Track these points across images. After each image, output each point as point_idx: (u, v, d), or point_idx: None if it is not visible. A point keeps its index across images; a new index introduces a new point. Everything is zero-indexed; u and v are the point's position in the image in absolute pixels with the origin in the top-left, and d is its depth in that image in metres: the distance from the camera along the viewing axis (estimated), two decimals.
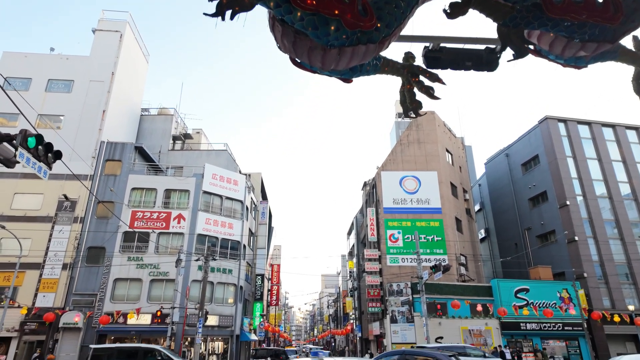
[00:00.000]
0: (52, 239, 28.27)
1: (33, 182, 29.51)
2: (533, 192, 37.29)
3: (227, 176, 33.02)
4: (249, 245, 36.66)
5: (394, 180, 34.19)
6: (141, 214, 29.55)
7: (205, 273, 25.60)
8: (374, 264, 33.07)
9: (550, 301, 29.45)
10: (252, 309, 39.55)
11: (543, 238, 36.22)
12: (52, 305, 26.56)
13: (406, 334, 28.35)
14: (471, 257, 35.21)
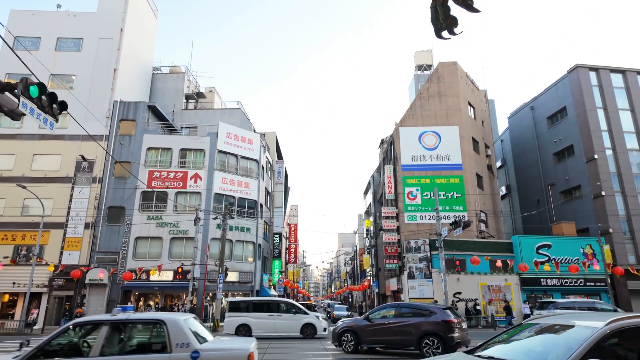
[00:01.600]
0: (72, 199, 28.72)
1: (51, 143, 29.71)
2: (558, 146, 35.78)
3: (242, 135, 32.53)
4: (265, 204, 36.72)
5: (413, 136, 33.11)
6: (158, 173, 29.59)
7: (223, 231, 25.78)
8: (392, 221, 32.79)
9: (573, 257, 28.88)
10: (270, 266, 40.30)
11: (567, 194, 35.13)
12: (78, 262, 27.39)
13: (424, 289, 28.42)
14: (491, 213, 34.55)
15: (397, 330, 12.14)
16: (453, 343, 11.20)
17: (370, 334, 12.68)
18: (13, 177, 28.20)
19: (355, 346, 12.79)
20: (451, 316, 11.71)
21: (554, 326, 4.25)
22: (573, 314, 4.62)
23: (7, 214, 28.21)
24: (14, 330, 23.11)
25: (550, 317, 4.60)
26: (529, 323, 4.68)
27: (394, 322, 12.40)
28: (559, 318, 4.44)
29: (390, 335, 12.28)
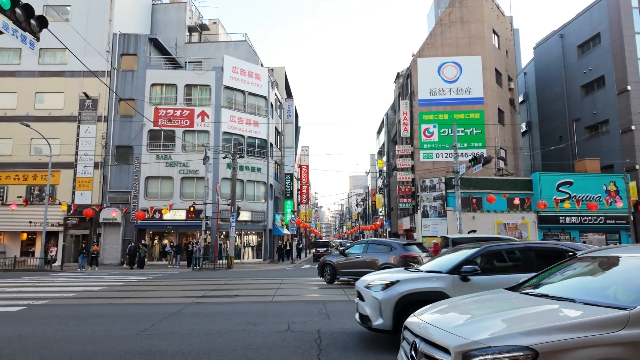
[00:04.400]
0: (79, 138, 28.18)
1: (52, 80, 28.72)
2: (588, 77, 33.35)
3: (249, 69, 30.83)
4: (275, 144, 35.80)
5: (432, 67, 30.93)
6: (164, 111, 28.56)
7: (233, 170, 25.19)
8: (406, 160, 31.76)
9: (595, 195, 27.87)
10: (283, 206, 40.29)
11: (592, 129, 33.32)
12: (90, 202, 27.42)
13: (437, 227, 28.06)
14: (511, 150, 33.15)
15: (363, 264, 13.34)
16: None
17: (343, 267, 14.21)
18: (18, 117, 27.51)
19: (332, 278, 14.40)
20: (410, 251, 12.53)
21: (601, 260, 3.92)
22: (614, 248, 4.20)
23: (16, 154, 27.95)
24: (35, 267, 23.68)
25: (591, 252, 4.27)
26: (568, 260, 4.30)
27: (362, 257, 13.72)
28: (602, 252, 4.12)
29: (358, 268, 13.42)
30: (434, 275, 5.81)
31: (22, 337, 6.79)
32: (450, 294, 5.48)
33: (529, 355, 2.60)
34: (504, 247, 6.83)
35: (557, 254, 6.20)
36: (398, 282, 5.70)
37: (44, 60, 29.11)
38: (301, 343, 6.27)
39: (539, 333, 2.72)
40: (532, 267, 5.79)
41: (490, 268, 6.20)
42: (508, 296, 3.89)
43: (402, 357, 3.46)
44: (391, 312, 5.49)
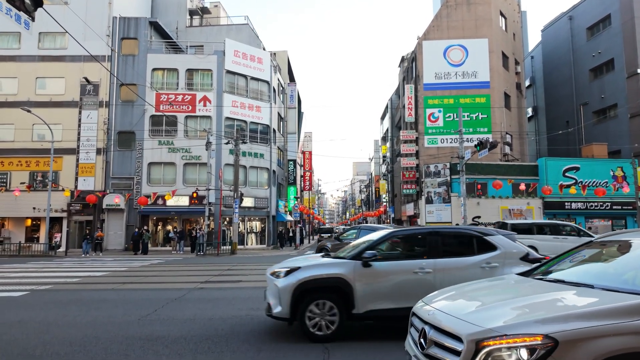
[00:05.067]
0: (81, 124, 28.02)
1: (52, 65, 28.46)
2: (597, 61, 32.64)
3: (251, 53, 30.37)
4: (278, 130, 35.50)
5: (437, 50, 30.32)
6: (165, 96, 28.27)
7: (236, 156, 25.01)
8: (410, 145, 31.43)
9: (602, 180, 27.53)
10: (286, 192, 40.18)
11: (600, 113, 32.76)
12: (93, 188, 27.39)
13: (441, 214, 27.89)
14: (516, 135, 32.73)
15: None
16: None
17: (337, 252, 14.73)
18: (19, 102, 27.31)
19: None
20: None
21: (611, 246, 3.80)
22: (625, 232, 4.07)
23: (19, 139, 27.84)
24: (39, 253, 23.79)
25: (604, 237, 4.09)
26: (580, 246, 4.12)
27: None
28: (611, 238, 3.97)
29: None
30: (338, 261, 5.67)
31: (23, 322, 6.74)
32: (351, 280, 5.37)
33: (548, 344, 2.44)
34: (410, 232, 6.81)
35: (465, 239, 6.08)
36: (299, 269, 5.55)
37: (44, 44, 28.77)
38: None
39: (557, 320, 2.55)
40: (439, 252, 5.67)
41: (397, 253, 6.10)
42: (521, 282, 3.71)
43: (410, 345, 3.31)
44: (289, 300, 5.34)
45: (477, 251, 5.73)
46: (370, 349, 5.15)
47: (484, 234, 5.92)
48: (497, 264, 5.55)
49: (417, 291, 5.35)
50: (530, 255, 5.73)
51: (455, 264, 5.62)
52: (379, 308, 5.40)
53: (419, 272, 5.47)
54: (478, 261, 5.58)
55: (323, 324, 5.34)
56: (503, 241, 5.77)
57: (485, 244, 5.76)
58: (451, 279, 5.43)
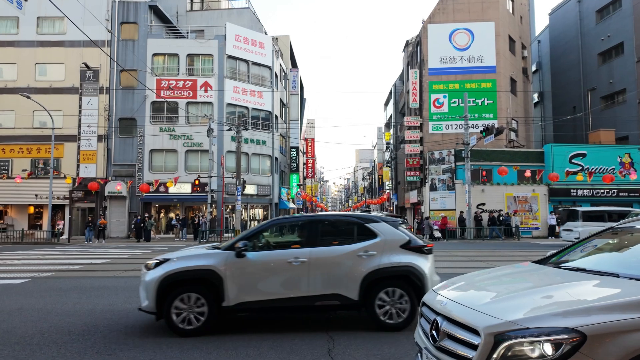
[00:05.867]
0: (82, 110, 27.78)
1: (51, 50, 28.11)
2: (606, 44, 31.92)
3: (252, 37, 29.87)
4: (281, 116, 35.14)
5: (443, 34, 29.66)
6: (166, 82, 27.92)
7: (238, 143, 24.76)
8: (415, 132, 31.03)
9: (608, 167, 27.13)
10: (288, 179, 40.02)
11: (608, 99, 32.18)
12: (95, 175, 27.28)
13: (445, 201, 27.63)
14: (522, 121, 32.24)
15: None
16: None
17: None
18: (19, 88, 26.99)
19: None
20: None
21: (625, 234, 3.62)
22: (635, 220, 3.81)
23: (19, 126, 27.64)
24: (42, 240, 23.82)
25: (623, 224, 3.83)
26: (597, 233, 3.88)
27: None
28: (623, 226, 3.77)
29: None
30: (211, 252, 5.42)
31: (22, 309, 6.64)
32: (221, 272, 5.13)
33: (575, 339, 2.22)
34: (291, 220, 6.54)
35: (346, 226, 5.82)
36: (168, 260, 5.30)
37: (42, 29, 28.35)
38: (309, 317, 6.02)
39: (584, 313, 2.34)
40: (318, 241, 5.42)
41: (276, 243, 5.83)
42: (538, 270, 3.49)
43: (421, 337, 3.11)
44: (154, 293, 5.09)
45: (357, 239, 5.48)
46: (375, 339, 4.98)
47: (366, 220, 5.62)
48: (375, 252, 5.31)
49: (292, 282, 5.19)
50: (412, 242, 5.47)
51: (330, 253, 5.36)
52: (252, 300, 5.16)
53: (292, 262, 5.22)
54: (355, 249, 5.34)
55: (192, 317, 5.08)
56: (384, 228, 5.51)
57: (367, 231, 5.49)
58: (326, 269, 5.24)
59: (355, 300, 5.19)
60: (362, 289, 5.18)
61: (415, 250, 5.44)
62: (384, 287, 5.24)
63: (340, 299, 5.19)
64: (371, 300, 5.20)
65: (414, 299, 5.23)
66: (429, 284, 5.23)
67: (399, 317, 5.22)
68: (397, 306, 5.23)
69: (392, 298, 5.24)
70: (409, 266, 5.30)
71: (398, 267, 5.29)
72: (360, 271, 5.22)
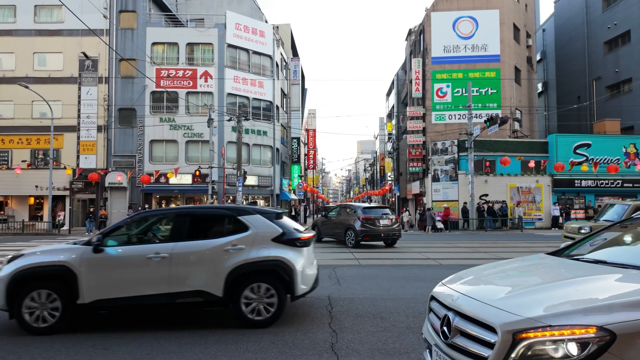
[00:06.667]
0: (81, 100, 27.53)
1: (50, 39, 27.79)
2: (612, 33, 31.40)
3: (252, 26, 29.44)
4: (282, 107, 34.81)
5: (446, 22, 29.17)
6: (166, 71, 27.61)
7: (239, 133, 24.52)
8: (417, 122, 30.71)
9: (613, 157, 26.82)
10: (290, 170, 39.81)
11: (614, 88, 31.75)
12: (95, 166, 27.13)
13: (448, 192, 27.42)
14: (526, 111, 31.87)
15: (335, 225, 15.24)
16: (360, 236, 13.67)
17: (324, 228, 16.11)
18: (17, 78, 26.73)
19: (318, 237, 16.06)
20: (368, 214, 13.95)
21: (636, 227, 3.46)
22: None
23: (18, 117, 27.43)
24: (43, 231, 23.77)
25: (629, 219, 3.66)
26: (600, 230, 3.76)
27: (337, 219, 15.36)
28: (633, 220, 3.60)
29: (333, 229, 15.42)
30: (67, 247, 5.14)
31: None
32: (75, 268, 4.86)
33: (604, 338, 2.03)
34: (160, 213, 6.22)
35: (217, 219, 5.54)
36: (22, 256, 5.05)
37: (40, 18, 27.96)
38: (310, 310, 5.86)
39: (612, 309, 2.14)
40: (184, 235, 5.15)
41: (141, 237, 5.46)
42: (556, 263, 3.29)
43: (430, 332, 2.93)
44: (4, 290, 4.82)
45: (228, 232, 5.22)
46: (379, 332, 4.82)
47: (238, 213, 5.33)
48: (244, 246, 5.04)
49: (151, 279, 4.94)
50: (286, 235, 5.18)
51: (195, 248, 5.06)
52: (109, 298, 4.90)
53: (153, 258, 4.95)
54: (222, 244, 5.06)
55: (46, 314, 4.84)
56: (257, 221, 5.23)
57: (238, 224, 5.22)
58: (189, 265, 4.99)
59: (220, 297, 4.92)
60: (227, 285, 4.91)
61: (288, 243, 5.15)
62: (251, 283, 4.99)
63: (203, 295, 4.93)
64: (237, 296, 4.94)
65: (282, 294, 5.00)
66: (299, 279, 5.01)
67: (267, 313, 4.97)
68: (264, 302, 4.98)
69: (259, 294, 4.99)
70: (278, 260, 5.04)
71: (266, 261, 5.04)
72: (225, 266, 4.95)
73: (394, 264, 10.57)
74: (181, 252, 5.01)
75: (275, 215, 5.43)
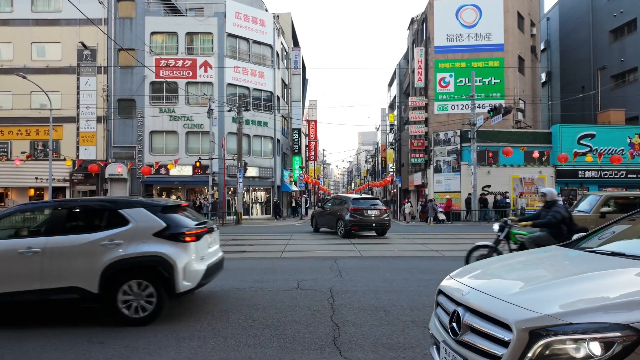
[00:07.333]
0: (80, 91, 27.29)
1: (47, 29, 27.50)
2: (618, 21, 30.88)
3: (253, 15, 29.06)
4: (282, 97, 34.48)
5: (450, 10, 28.70)
6: (165, 61, 27.31)
7: (239, 124, 24.30)
8: (419, 112, 30.41)
9: (618, 147, 26.56)
10: (291, 162, 39.58)
11: (619, 77, 31.33)
12: (95, 157, 27.00)
13: (450, 183, 27.24)
14: (529, 101, 31.51)
15: (329, 216, 15.87)
16: (348, 226, 14.24)
17: (320, 219, 16.85)
18: (15, 68, 26.41)
19: (315, 227, 17.20)
20: (357, 205, 14.46)
21: None
22: None
23: (17, 108, 27.23)
24: None
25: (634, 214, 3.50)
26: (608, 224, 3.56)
27: (330, 209, 15.99)
28: None
29: (326, 219, 16.10)
30: None
31: None
32: None
33: (630, 337, 1.88)
34: (37, 205, 5.94)
35: (96, 212, 5.28)
36: None
37: (37, 7, 27.61)
38: (312, 302, 5.73)
39: (636, 305, 1.98)
40: (60, 229, 4.94)
41: (15, 231, 5.25)
42: (570, 255, 3.12)
43: (437, 328, 2.77)
44: None
45: (106, 226, 4.98)
46: (383, 326, 4.68)
47: (120, 206, 5.09)
48: (122, 240, 4.83)
49: (23, 274, 4.75)
50: (170, 230, 4.93)
51: (69, 242, 4.84)
52: None
53: (25, 253, 4.73)
54: (99, 238, 4.84)
55: None
56: (139, 214, 4.99)
57: (119, 217, 4.98)
58: (63, 260, 4.79)
59: (96, 293, 4.75)
60: (103, 281, 4.74)
61: (170, 238, 4.91)
62: (128, 279, 4.81)
63: (79, 292, 4.75)
64: (114, 293, 4.77)
65: (162, 291, 4.81)
66: (181, 275, 4.82)
67: (145, 311, 4.80)
68: (142, 299, 4.81)
69: (136, 290, 4.81)
70: (157, 256, 4.83)
71: (144, 257, 4.84)
72: (101, 262, 4.76)
73: (396, 256, 10.45)
74: (55, 246, 4.82)
75: (162, 208, 5.15)
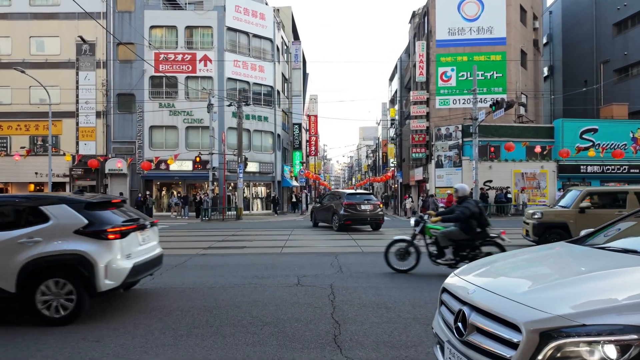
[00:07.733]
0: (79, 86, 27.16)
1: (46, 23, 27.33)
2: (622, 14, 30.54)
3: (252, 8, 28.81)
4: (283, 92, 34.27)
5: (452, 4, 28.40)
6: (164, 55, 27.11)
7: (239, 119, 24.15)
8: (421, 107, 30.20)
9: (620, 142, 26.37)
10: (291, 157, 39.46)
11: (622, 71, 31.05)
12: (95, 152, 26.90)
13: (451, 178, 27.08)
14: (531, 95, 31.28)
15: (325, 209, 16.46)
16: (342, 220, 14.63)
17: (318, 214, 17.41)
18: (13, 63, 26.24)
19: (314, 222, 17.75)
20: (351, 200, 15.01)
21: None
22: None
23: (16, 102, 27.09)
24: None
25: None
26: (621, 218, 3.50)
27: (327, 204, 16.49)
28: None
29: (323, 214, 16.64)
30: None
31: None
32: None
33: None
34: None
35: (15, 208, 5.06)
36: None
37: (36, 1, 27.43)
38: (312, 299, 5.64)
39: None
40: None
41: None
42: (580, 252, 3.00)
43: (441, 327, 2.67)
44: None
45: (26, 223, 4.84)
46: (385, 324, 4.59)
47: (40, 202, 4.93)
48: (41, 238, 4.69)
49: None
50: (92, 227, 4.78)
51: None
52: None
53: None
54: (16, 236, 4.70)
55: None
56: (60, 211, 4.84)
57: (39, 214, 4.82)
58: None
59: (13, 293, 4.63)
60: (21, 281, 4.61)
61: (92, 235, 4.78)
62: (47, 278, 4.69)
63: None
64: (32, 292, 4.64)
65: (82, 290, 4.70)
66: (102, 274, 4.70)
67: (65, 310, 4.69)
68: (62, 299, 4.69)
69: (54, 290, 4.69)
70: (77, 254, 4.70)
71: (63, 255, 4.72)
72: (18, 260, 4.62)
73: None
74: None
75: (87, 205, 4.98)
